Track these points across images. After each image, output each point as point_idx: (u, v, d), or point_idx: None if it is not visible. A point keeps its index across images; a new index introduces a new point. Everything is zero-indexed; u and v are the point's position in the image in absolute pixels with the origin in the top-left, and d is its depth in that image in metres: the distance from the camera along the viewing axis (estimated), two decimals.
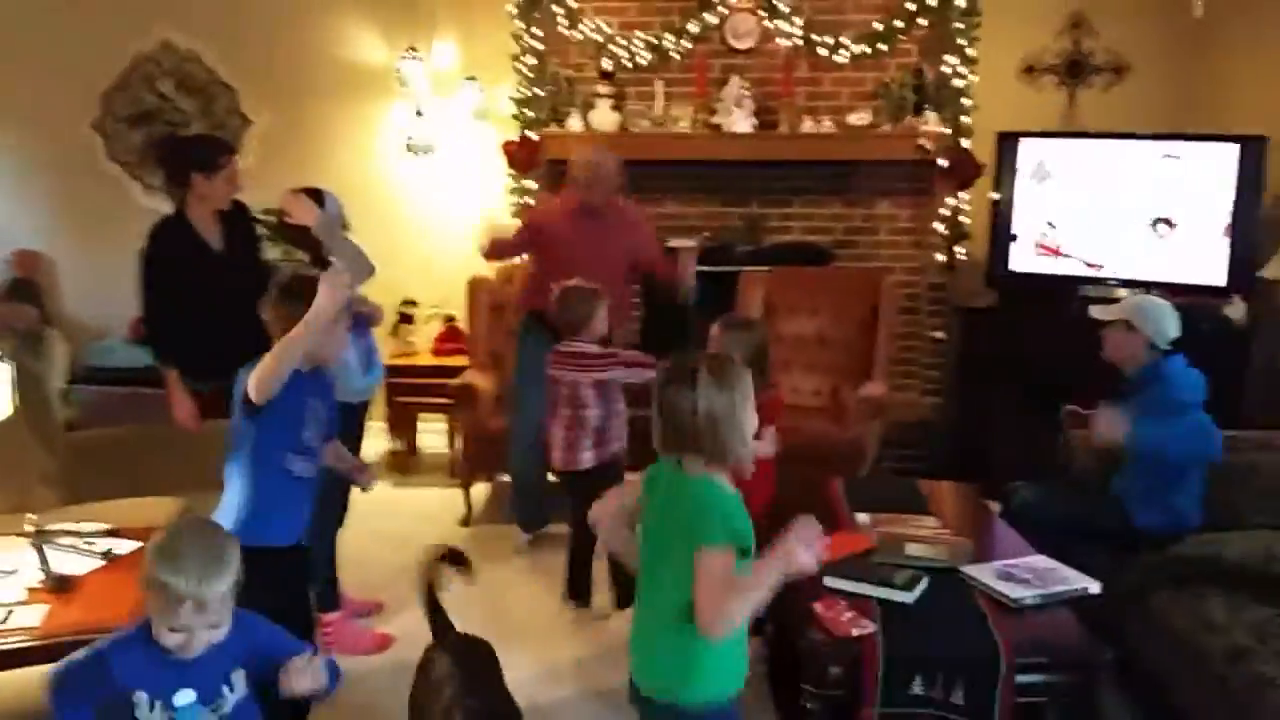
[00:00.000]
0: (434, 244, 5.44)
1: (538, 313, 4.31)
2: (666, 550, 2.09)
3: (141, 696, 1.88)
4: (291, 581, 2.67)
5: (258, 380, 2.39)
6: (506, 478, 5.00)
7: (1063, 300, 4.91)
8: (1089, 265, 4.88)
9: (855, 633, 2.59)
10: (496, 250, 4.43)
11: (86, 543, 2.68)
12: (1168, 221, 4.66)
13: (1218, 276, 4.50)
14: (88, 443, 3.68)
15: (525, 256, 4.65)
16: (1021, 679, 2.51)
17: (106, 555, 2.63)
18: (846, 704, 2.58)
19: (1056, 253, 4.95)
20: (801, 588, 2.93)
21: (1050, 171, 4.92)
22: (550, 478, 4.36)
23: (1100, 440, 3.33)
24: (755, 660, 2.43)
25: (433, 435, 5.58)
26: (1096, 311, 3.46)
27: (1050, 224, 4.94)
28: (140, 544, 2.72)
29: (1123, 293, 4.82)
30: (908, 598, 2.75)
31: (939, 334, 5.33)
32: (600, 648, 3.61)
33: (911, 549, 3.04)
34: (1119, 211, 4.78)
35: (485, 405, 4.67)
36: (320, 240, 3.44)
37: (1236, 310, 4.37)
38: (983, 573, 2.89)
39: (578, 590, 3.88)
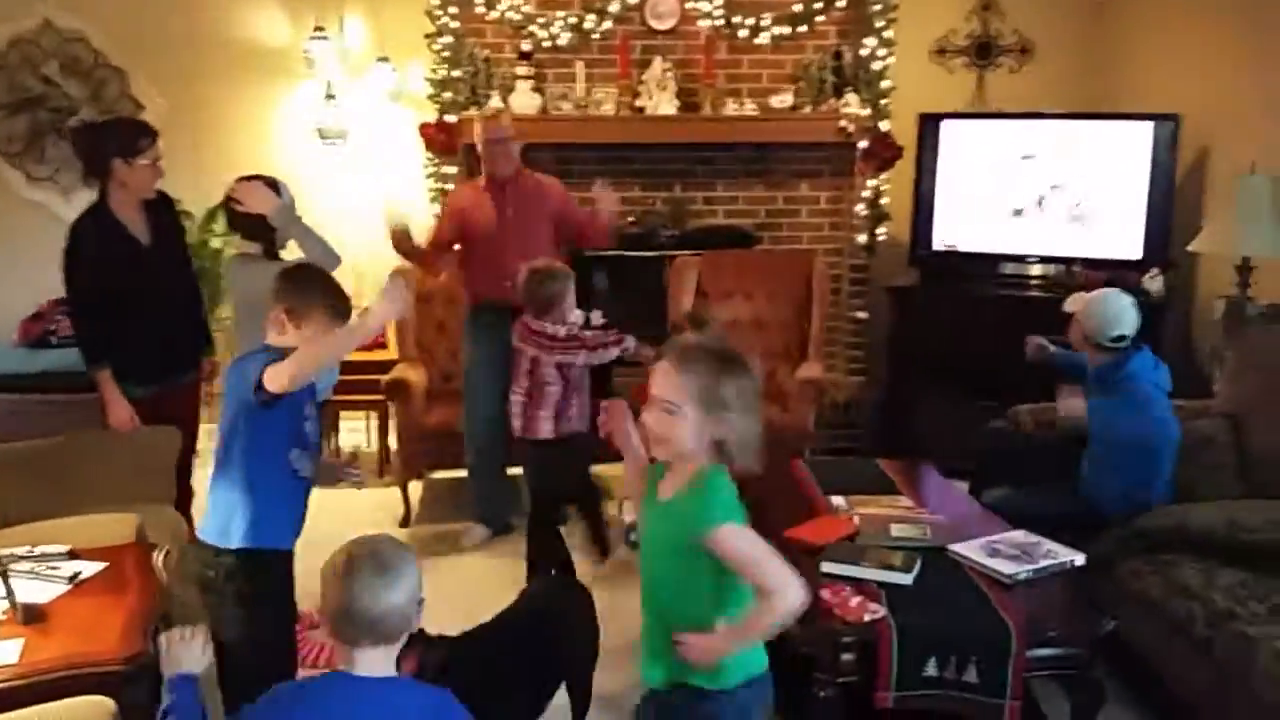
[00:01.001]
0: (350, 233, 5.20)
1: (482, 304, 4.19)
2: None
3: None
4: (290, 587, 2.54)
5: (297, 368, 2.21)
6: (439, 475, 4.87)
7: (984, 277, 5.05)
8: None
9: (867, 617, 2.58)
10: (431, 257, 4.27)
11: (50, 567, 2.44)
12: (1072, 197, 4.83)
13: (1135, 251, 4.68)
14: (7, 456, 3.37)
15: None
16: (1032, 654, 2.55)
17: (73, 579, 2.40)
18: (859, 689, 2.58)
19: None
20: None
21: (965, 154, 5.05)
22: (511, 471, 4.28)
23: (1063, 419, 3.40)
24: None
25: (351, 434, 5.37)
26: (1069, 300, 3.53)
27: (967, 203, 5.06)
28: (105, 564, 2.51)
29: (1037, 270, 5.01)
30: (907, 579, 2.76)
31: (861, 314, 5.40)
32: None
33: (896, 529, 3.07)
34: (1034, 189, 4.92)
35: (418, 400, 4.51)
36: (274, 231, 3.25)
37: (1155, 284, 4.55)
38: (971, 550, 2.92)
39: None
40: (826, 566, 2.81)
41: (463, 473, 4.48)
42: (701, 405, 1.90)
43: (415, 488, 4.81)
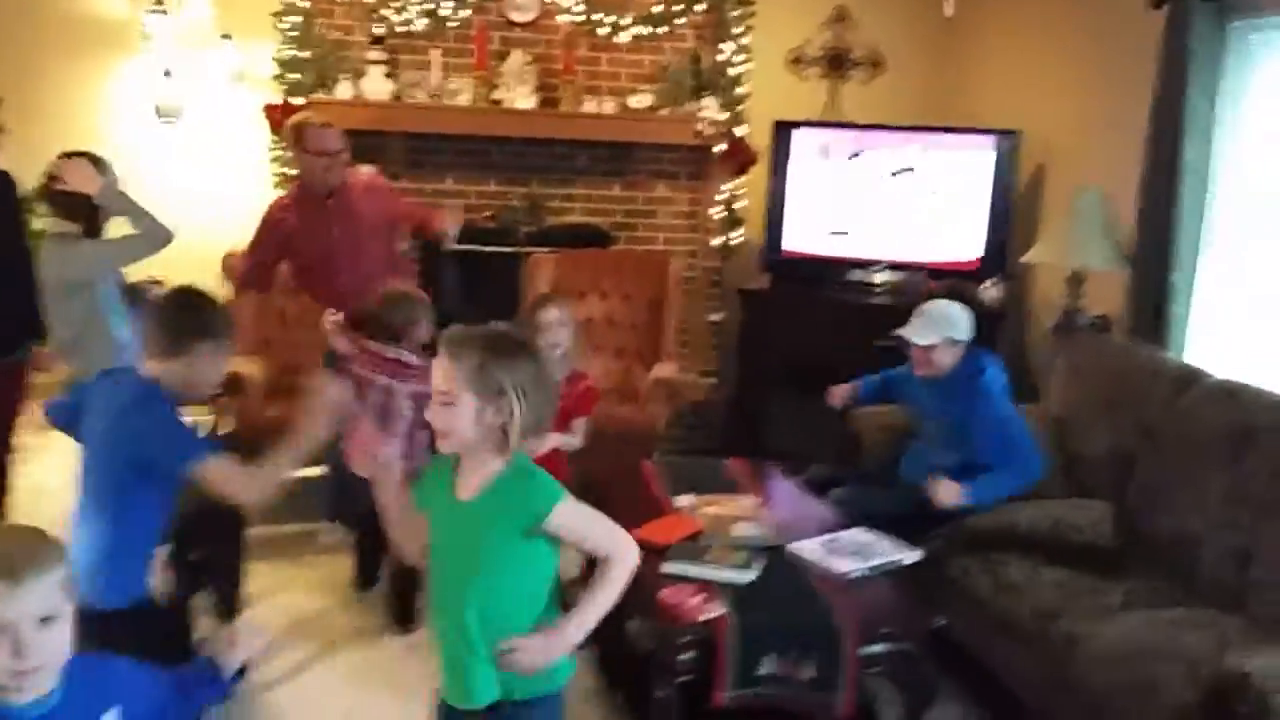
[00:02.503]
0: (184, 217, 4.92)
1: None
2: None
3: None
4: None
5: (259, 488, 2.33)
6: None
7: (831, 282, 5.14)
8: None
9: (704, 617, 2.56)
10: (249, 274, 4.04)
11: None
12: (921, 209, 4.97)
13: (974, 261, 4.84)
14: None
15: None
16: (864, 650, 2.57)
17: None
18: (697, 688, 2.56)
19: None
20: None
21: (821, 160, 5.13)
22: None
23: (942, 504, 3.29)
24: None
25: None
26: (911, 335, 3.43)
27: (817, 210, 5.15)
28: None
29: (882, 277, 5.10)
30: (747, 578, 2.76)
31: (716, 316, 5.44)
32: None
33: (738, 529, 3.07)
34: (881, 198, 5.04)
35: (256, 395, 4.31)
36: (96, 210, 3.06)
37: (992, 293, 4.70)
38: (809, 549, 2.95)
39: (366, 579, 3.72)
40: (668, 567, 2.79)
41: (309, 471, 4.27)
42: (474, 391, 1.86)
43: None
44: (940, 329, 3.41)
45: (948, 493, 3.25)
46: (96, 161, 3.14)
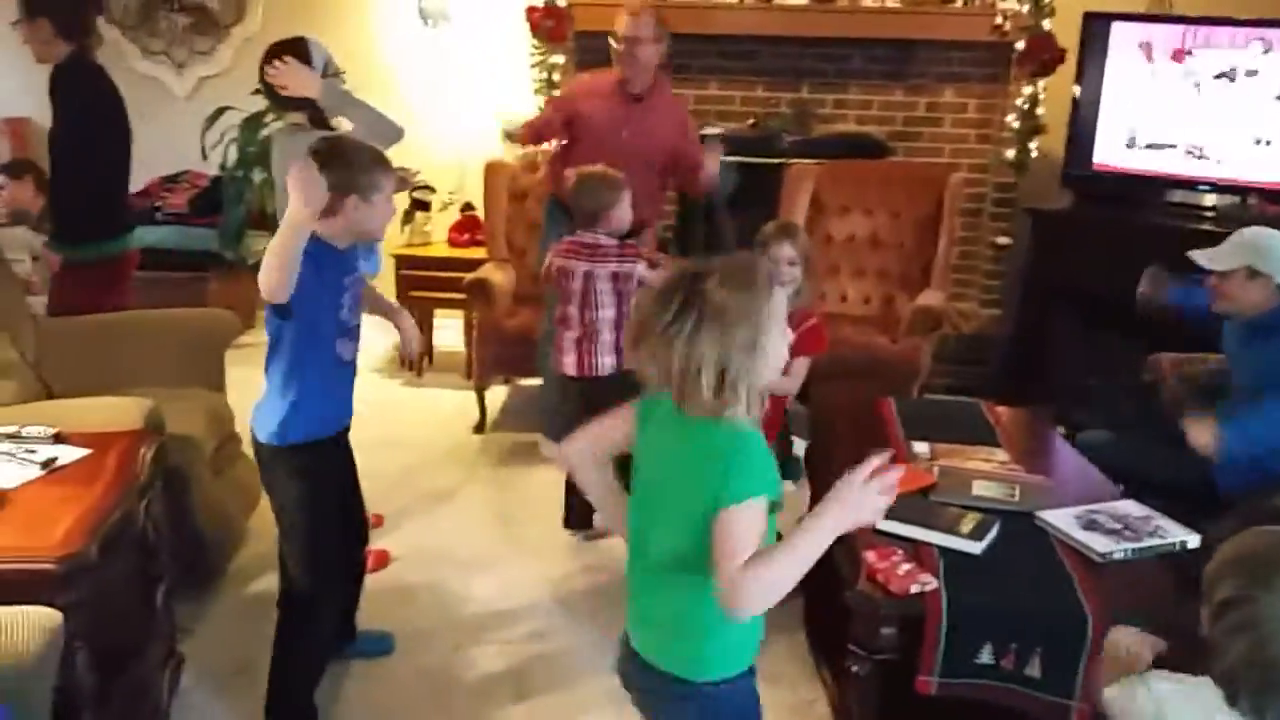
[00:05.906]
0: (450, 124, 4.97)
1: (560, 200, 3.87)
2: (666, 499, 1.66)
3: None
4: (347, 466, 2.60)
5: (261, 285, 2.13)
6: (525, 381, 4.66)
7: (1147, 204, 4.42)
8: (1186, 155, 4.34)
9: (914, 589, 2.20)
10: (533, 133, 3.88)
11: (27, 450, 2.31)
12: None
13: None
14: (61, 330, 3.30)
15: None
16: None
17: (47, 465, 2.26)
18: (900, 670, 2.22)
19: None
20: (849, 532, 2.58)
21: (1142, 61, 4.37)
22: None
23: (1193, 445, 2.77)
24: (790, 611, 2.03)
25: (450, 332, 5.20)
26: (1204, 260, 2.86)
27: (1134, 119, 4.41)
28: (89, 451, 2.37)
29: (1210, 200, 4.34)
30: (975, 547, 2.35)
31: (1003, 239, 4.85)
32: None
33: (978, 488, 2.64)
34: (1212, 107, 4.24)
35: (502, 303, 4.27)
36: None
37: None
38: (1063, 519, 2.49)
39: (577, 518, 3.49)
40: (883, 524, 2.43)
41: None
42: None
43: (500, 393, 4.62)
44: (1242, 256, 2.81)
45: (1199, 434, 2.72)
46: (302, 48, 3.01)
